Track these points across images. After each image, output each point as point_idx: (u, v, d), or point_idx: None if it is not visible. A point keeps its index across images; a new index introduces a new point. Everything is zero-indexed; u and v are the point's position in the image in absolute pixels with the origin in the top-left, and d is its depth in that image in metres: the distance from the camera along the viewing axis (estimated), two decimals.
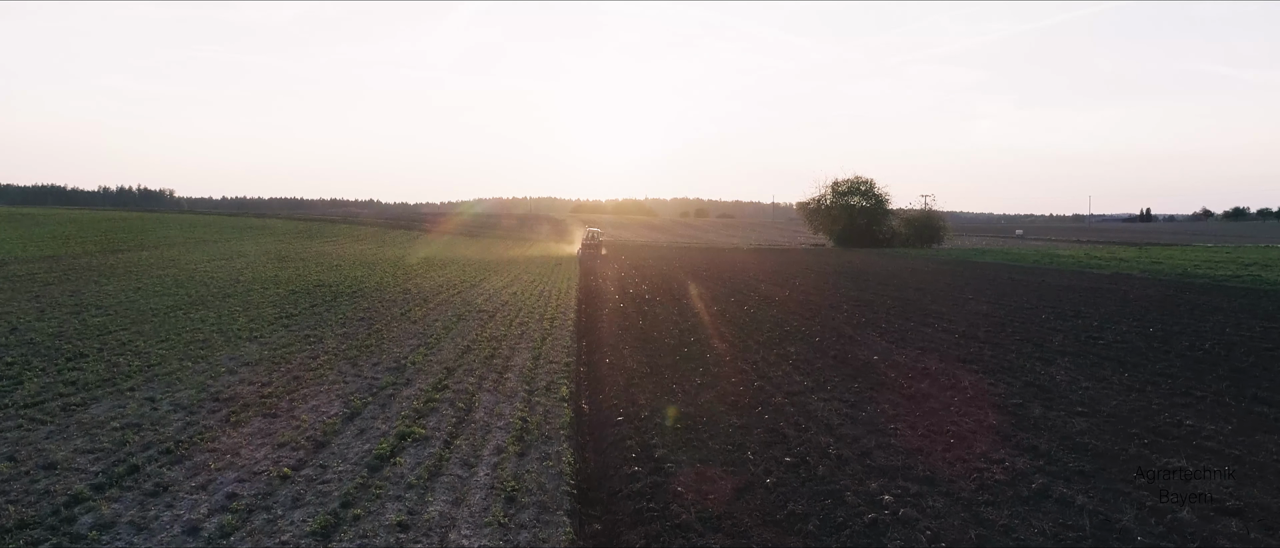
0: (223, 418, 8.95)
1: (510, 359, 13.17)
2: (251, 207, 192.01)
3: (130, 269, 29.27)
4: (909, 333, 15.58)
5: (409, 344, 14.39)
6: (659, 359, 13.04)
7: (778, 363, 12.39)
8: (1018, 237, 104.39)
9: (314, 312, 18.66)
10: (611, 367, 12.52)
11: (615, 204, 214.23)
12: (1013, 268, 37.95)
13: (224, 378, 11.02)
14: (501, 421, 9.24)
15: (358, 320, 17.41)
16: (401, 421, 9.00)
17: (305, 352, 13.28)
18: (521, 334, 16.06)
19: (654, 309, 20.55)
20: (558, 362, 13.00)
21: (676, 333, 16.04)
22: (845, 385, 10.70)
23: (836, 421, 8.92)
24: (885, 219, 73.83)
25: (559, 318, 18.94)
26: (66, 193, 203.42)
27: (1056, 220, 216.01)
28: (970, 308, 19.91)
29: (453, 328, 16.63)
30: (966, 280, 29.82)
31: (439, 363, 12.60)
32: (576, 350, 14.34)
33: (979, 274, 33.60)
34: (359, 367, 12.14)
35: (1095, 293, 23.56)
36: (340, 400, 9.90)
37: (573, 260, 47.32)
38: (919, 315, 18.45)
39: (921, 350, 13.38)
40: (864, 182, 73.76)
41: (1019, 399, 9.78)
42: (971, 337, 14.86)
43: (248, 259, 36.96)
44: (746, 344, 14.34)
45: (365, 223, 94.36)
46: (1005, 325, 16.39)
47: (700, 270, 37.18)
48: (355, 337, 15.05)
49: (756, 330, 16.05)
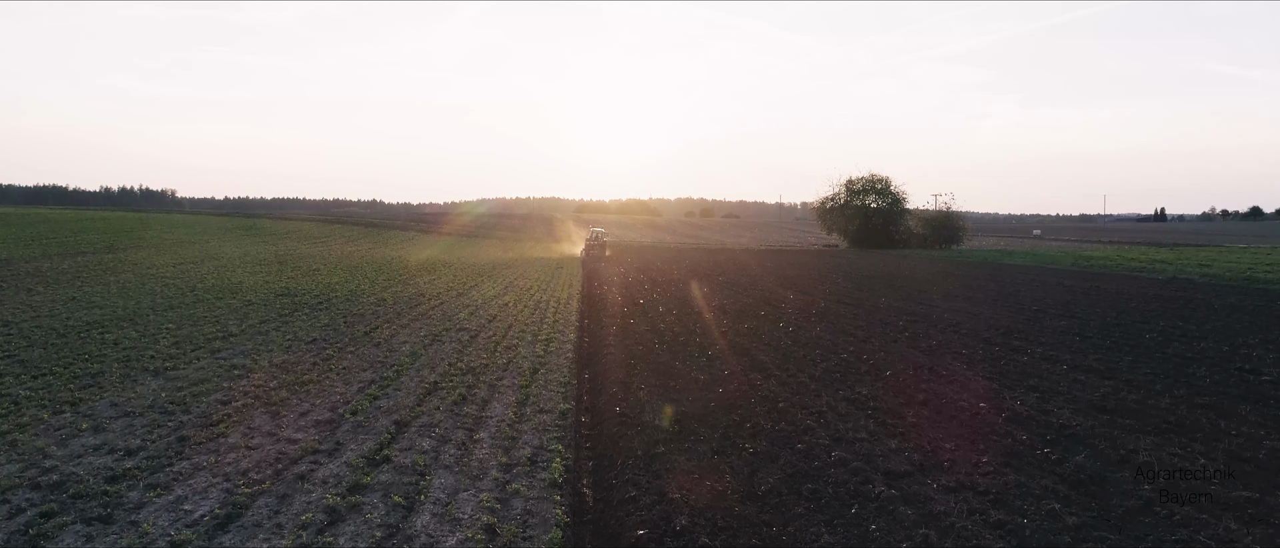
0: (18, 529, 5.71)
1: (487, 407, 9.89)
2: (253, 207, 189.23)
3: (79, 275, 26.11)
4: (1009, 372, 12.27)
5: (359, 380, 11.14)
6: (687, 405, 9.75)
7: (854, 416, 9.09)
8: (1036, 237, 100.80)
9: (261, 330, 15.44)
10: (624, 421, 9.22)
11: (619, 204, 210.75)
12: (1054, 272, 34.56)
13: (76, 443, 7.78)
14: (455, 535, 5.97)
15: (309, 343, 14.17)
16: (295, 536, 5.74)
17: (218, 393, 10.04)
18: (507, 363, 12.79)
19: (670, 326, 17.27)
20: (550, 410, 9.73)
21: (704, 363, 12.76)
22: (987, 467, 7.40)
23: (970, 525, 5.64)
24: (902, 219, 70.18)
25: (556, 339, 15.67)
26: (68, 193, 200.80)
27: (1064, 220, 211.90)
28: (1049, 324, 16.58)
29: (422, 354, 13.37)
30: (1020, 288, 26.46)
31: (389, 412, 9.34)
32: (576, 391, 11.05)
33: (1026, 280, 30.24)
34: (279, 421, 8.89)
35: (1186, 305, 20.20)
36: (220, 491, 6.64)
37: (574, 263, 43.97)
38: (1000, 340, 15.13)
39: (1040, 397, 10.07)
40: (879, 180, 70.14)
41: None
42: (1086, 381, 11.54)
43: (220, 263, 33.79)
44: (800, 381, 11.05)
45: (362, 223, 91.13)
46: (1113, 353, 13.06)
47: (714, 275, 33.89)
48: (295, 368, 11.81)
49: (807, 362, 12.77)
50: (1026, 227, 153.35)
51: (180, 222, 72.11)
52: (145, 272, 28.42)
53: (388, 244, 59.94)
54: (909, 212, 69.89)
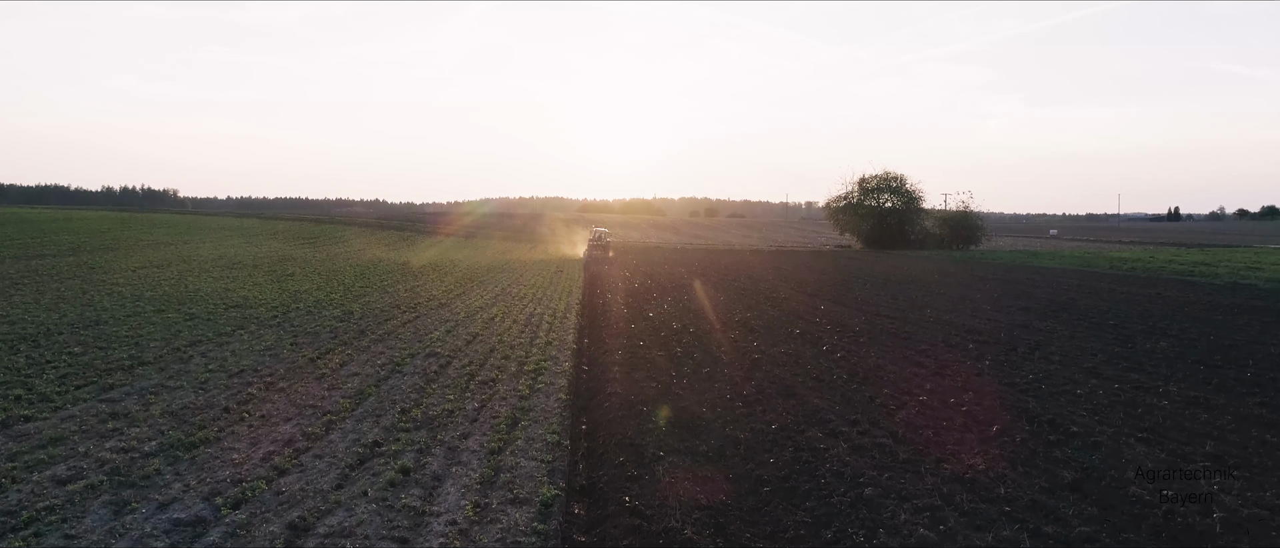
0: None
1: (435, 493, 6.81)
2: (256, 206, 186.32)
3: (20, 282, 23.11)
4: (1165, 427, 9.21)
5: (270, 441, 8.10)
6: (726, 486, 6.69)
7: (995, 518, 6.04)
8: (1053, 237, 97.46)
9: (183, 355, 12.43)
10: (638, 522, 6.14)
11: (623, 204, 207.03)
12: (1098, 276, 31.42)
13: None
14: None
15: (233, 375, 11.15)
16: None
17: (51, 470, 7.01)
18: (480, 409, 9.74)
19: (688, 347, 14.24)
20: (529, 499, 6.66)
21: (741, 409, 9.72)
22: None
23: None
24: (918, 219, 66.93)
25: (546, 369, 12.63)
26: (70, 193, 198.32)
27: (1071, 219, 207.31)
28: (1144, 346, 13.50)
29: (370, 394, 10.33)
30: (1074, 298, 23.38)
31: (288, 504, 6.30)
32: (568, 458, 7.99)
33: (1075, 287, 27.14)
34: (122, 519, 5.86)
35: (1276, 316, 17.10)
36: None
37: (575, 265, 40.83)
38: (1113, 373, 12.06)
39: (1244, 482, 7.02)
40: (895, 178, 66.81)
41: None
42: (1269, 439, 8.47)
43: (188, 267, 30.81)
44: (881, 444, 8.00)
45: (359, 224, 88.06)
46: (1249, 387, 9.98)
47: (729, 282, 30.86)
48: (194, 416, 8.78)
49: (879, 410, 9.72)
50: (1036, 226, 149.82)
51: (165, 221, 69.21)
52: (98, 278, 25.46)
53: (381, 245, 56.99)
54: (925, 211, 66.66)
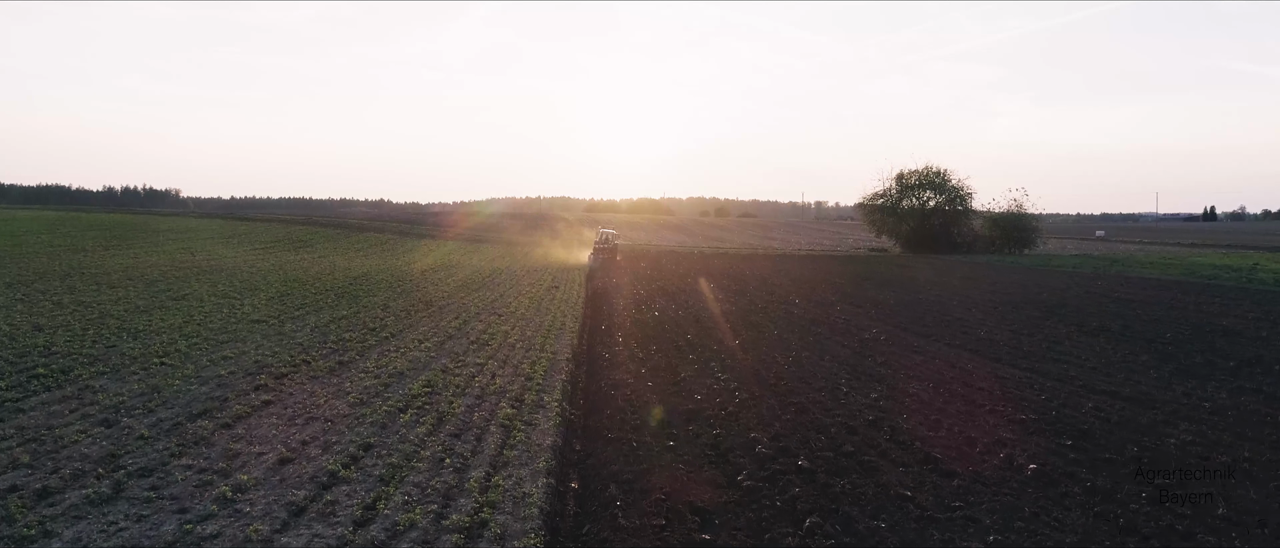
0: None
1: None
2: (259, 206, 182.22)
3: None
4: None
5: None
6: None
7: None
8: (1100, 237, 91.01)
9: None
10: None
11: (631, 203, 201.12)
12: (1205, 288, 25.68)
13: None
14: None
15: None
16: None
17: None
18: None
19: (743, 440, 8.85)
20: None
21: None
22: None
23: None
24: (964, 219, 60.90)
25: (511, 479, 7.23)
26: (71, 193, 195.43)
27: (1085, 220, 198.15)
28: None
29: None
30: (1216, 318, 17.77)
31: None
32: None
33: (1202, 306, 21.49)
34: None
35: None
36: None
37: (577, 274, 35.20)
38: None
39: None
40: (937, 173, 60.60)
41: None
42: None
43: (108, 279, 25.75)
44: None
45: (357, 225, 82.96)
46: None
47: (768, 302, 25.43)
48: None
49: None
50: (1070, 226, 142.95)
51: (132, 223, 64.26)
52: None
53: (374, 250, 51.83)
54: (973, 211, 60.44)
